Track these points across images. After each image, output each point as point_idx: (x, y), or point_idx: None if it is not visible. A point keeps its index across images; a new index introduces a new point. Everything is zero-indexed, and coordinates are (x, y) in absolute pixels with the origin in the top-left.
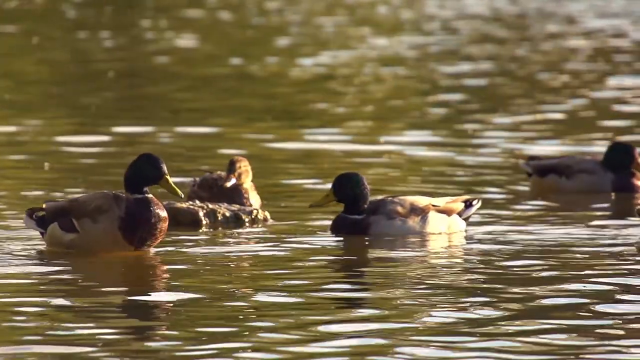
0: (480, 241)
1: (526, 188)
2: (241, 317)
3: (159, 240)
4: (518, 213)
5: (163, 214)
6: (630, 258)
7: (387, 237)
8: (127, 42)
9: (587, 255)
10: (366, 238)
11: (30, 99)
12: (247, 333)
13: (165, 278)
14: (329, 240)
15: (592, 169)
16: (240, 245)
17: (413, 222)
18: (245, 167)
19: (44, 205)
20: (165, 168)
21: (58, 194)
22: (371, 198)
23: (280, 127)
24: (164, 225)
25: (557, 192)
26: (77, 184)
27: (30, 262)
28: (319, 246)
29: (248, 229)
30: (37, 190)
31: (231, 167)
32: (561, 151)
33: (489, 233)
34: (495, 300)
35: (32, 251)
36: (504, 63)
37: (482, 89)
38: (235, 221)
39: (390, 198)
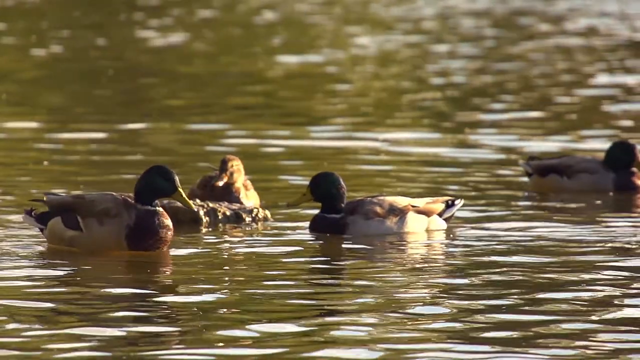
0: (465, 239)
1: (522, 187)
2: (232, 315)
3: (160, 250)
4: (514, 212)
5: (170, 227)
6: (631, 257)
7: (364, 237)
8: (117, 40)
9: (585, 254)
10: (344, 238)
11: (21, 97)
12: (239, 331)
13: (164, 277)
14: (316, 239)
15: (593, 169)
16: (239, 244)
17: (391, 222)
18: (237, 166)
19: (44, 198)
20: (178, 181)
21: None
22: (351, 198)
23: (273, 125)
24: (169, 239)
25: (558, 192)
26: (76, 181)
27: (28, 262)
28: (307, 246)
29: (248, 228)
30: (34, 189)
31: (223, 166)
32: (552, 147)
33: (480, 231)
34: (465, 297)
35: (31, 251)
36: (492, 61)
37: (471, 87)
38: (236, 220)
39: (369, 198)
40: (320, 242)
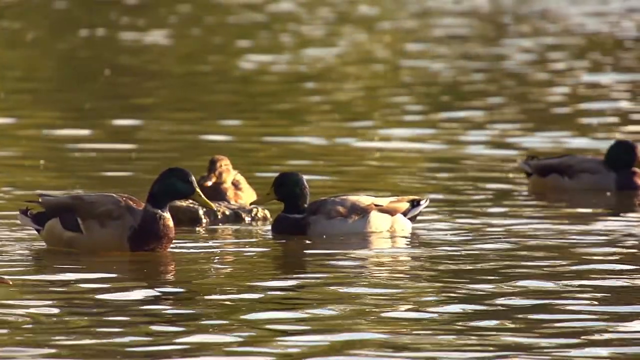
0: (450, 237)
1: (518, 185)
2: (224, 314)
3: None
4: (514, 211)
5: (173, 231)
6: (632, 257)
7: (326, 237)
8: (106, 39)
9: (585, 254)
10: (306, 238)
11: (16, 94)
12: (231, 330)
13: (163, 276)
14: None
15: (594, 169)
16: (236, 243)
17: (353, 221)
18: (226, 166)
19: (39, 200)
20: (195, 182)
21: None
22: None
23: (266, 124)
24: (171, 242)
25: (559, 192)
26: (73, 180)
27: (27, 262)
28: (292, 246)
29: (247, 228)
30: (31, 188)
31: (212, 166)
32: (540, 144)
33: (478, 228)
34: (440, 296)
35: (29, 251)
36: (483, 60)
37: (455, 85)
38: (235, 219)
39: (332, 198)
40: (286, 241)
